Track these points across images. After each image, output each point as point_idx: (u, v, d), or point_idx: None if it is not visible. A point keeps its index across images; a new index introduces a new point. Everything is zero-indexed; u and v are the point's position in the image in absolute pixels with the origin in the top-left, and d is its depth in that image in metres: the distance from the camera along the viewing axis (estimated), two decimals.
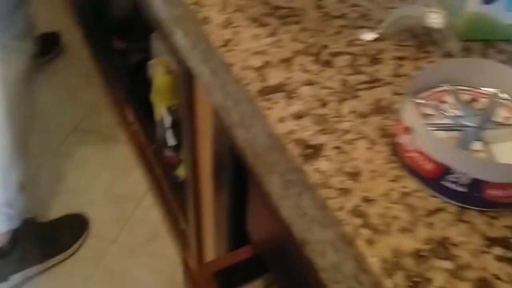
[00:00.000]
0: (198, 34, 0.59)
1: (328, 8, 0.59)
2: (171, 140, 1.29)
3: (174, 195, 1.39)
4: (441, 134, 0.43)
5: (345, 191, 0.43)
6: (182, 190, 1.17)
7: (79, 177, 1.68)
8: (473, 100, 0.46)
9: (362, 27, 0.57)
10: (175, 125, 1.26)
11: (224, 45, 0.55)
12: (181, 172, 1.31)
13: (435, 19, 0.52)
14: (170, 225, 1.49)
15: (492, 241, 0.40)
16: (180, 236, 1.38)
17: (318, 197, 0.44)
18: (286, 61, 0.53)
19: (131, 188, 1.66)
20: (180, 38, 0.68)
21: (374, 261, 0.39)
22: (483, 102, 0.46)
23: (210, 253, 1.07)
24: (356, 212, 0.42)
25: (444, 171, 0.40)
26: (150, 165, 1.56)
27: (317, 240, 0.47)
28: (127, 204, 1.62)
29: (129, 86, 1.68)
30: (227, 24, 0.57)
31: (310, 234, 0.48)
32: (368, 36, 0.55)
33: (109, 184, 1.66)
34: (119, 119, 1.78)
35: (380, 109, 0.49)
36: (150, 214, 1.59)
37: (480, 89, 0.47)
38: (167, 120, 1.28)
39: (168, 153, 1.37)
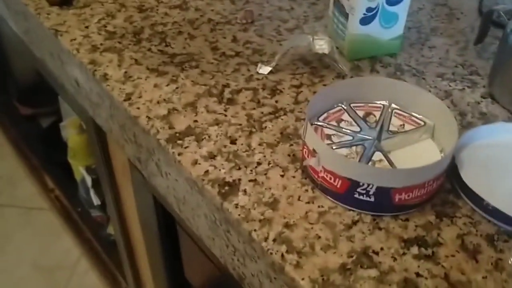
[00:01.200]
0: (101, 92, 0.59)
1: (223, 49, 0.62)
2: (95, 200, 1.25)
3: (109, 255, 1.34)
4: (344, 151, 0.45)
5: (267, 221, 0.44)
6: (116, 248, 1.13)
7: (4, 255, 1.58)
8: (368, 114, 0.49)
9: (258, 62, 0.59)
10: (97, 184, 1.22)
11: (128, 99, 0.55)
12: (112, 230, 1.27)
13: (321, 45, 0.56)
14: (109, 287, 1.43)
15: (409, 242, 0.43)
16: None
17: (243, 232, 0.45)
18: (191, 105, 0.54)
19: (62, 256, 1.58)
20: (83, 98, 0.67)
21: (304, 284, 0.40)
22: (377, 114, 0.49)
23: None
24: (281, 239, 0.43)
25: (352, 185, 0.42)
26: (78, 228, 1.50)
27: (252, 273, 0.48)
28: (60, 274, 1.54)
29: (43, 151, 1.62)
30: (126, 78, 0.57)
31: (244, 269, 0.49)
32: (265, 70, 0.58)
33: (38, 256, 1.58)
34: (38, 187, 1.70)
35: (286, 136, 0.51)
36: (87, 280, 1.52)
37: (373, 103, 0.50)
38: (88, 180, 1.24)
39: (95, 213, 1.33)
